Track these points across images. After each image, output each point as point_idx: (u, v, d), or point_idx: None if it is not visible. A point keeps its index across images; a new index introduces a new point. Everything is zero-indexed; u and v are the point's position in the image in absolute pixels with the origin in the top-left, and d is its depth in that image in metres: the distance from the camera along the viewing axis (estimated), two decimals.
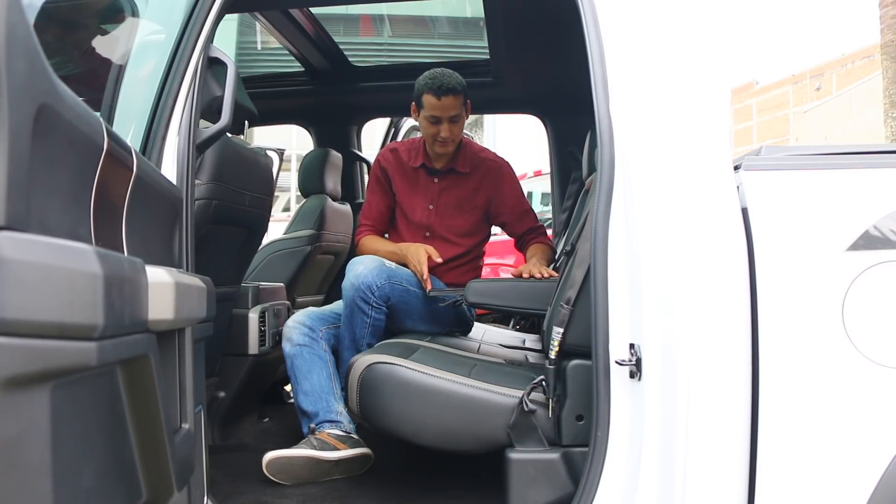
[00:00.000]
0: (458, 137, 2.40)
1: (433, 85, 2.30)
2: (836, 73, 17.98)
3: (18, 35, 0.64)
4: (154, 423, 0.94)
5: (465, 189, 2.45)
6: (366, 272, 2.14)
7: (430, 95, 2.30)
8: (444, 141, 2.36)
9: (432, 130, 2.35)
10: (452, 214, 2.43)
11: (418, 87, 2.34)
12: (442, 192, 2.45)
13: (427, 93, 2.31)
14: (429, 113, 2.32)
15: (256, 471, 1.98)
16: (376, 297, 2.13)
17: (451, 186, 2.45)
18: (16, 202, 0.63)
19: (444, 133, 2.33)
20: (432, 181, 2.46)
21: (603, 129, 1.39)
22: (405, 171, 2.48)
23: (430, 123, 2.34)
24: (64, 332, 0.66)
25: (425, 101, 2.32)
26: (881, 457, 1.22)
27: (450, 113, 2.32)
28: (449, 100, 2.30)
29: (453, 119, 2.33)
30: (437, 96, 2.29)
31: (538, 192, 7.29)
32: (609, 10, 1.41)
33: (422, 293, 2.24)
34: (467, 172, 2.45)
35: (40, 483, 0.64)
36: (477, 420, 1.64)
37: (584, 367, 1.50)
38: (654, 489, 1.29)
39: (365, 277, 2.12)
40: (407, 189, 2.48)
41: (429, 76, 2.33)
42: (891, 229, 1.26)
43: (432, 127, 2.35)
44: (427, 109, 2.33)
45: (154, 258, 1.13)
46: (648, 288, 1.30)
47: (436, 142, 2.37)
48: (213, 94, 1.51)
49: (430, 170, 2.46)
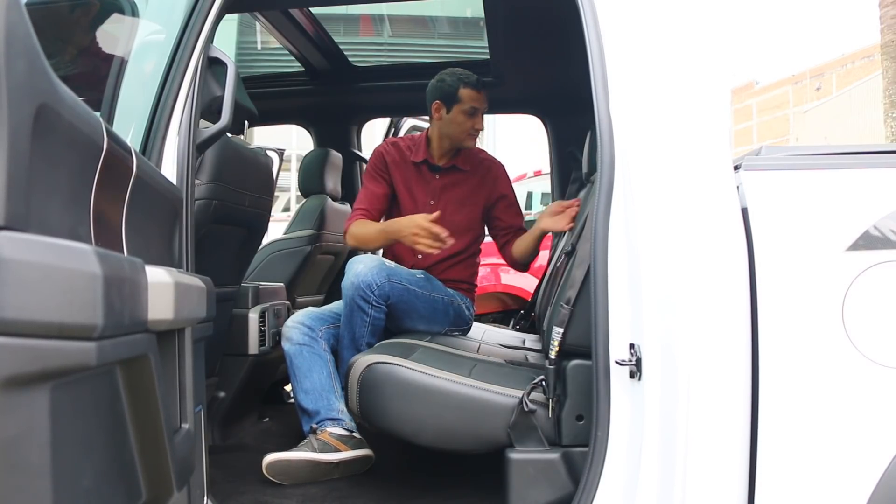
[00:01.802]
0: None
1: (469, 80, 2.39)
2: (836, 73, 17.99)
3: (18, 35, 0.63)
4: (154, 423, 0.94)
5: (466, 186, 2.48)
6: (365, 271, 2.13)
7: (469, 89, 2.38)
8: (476, 133, 2.44)
9: (469, 124, 2.41)
10: (453, 211, 2.42)
11: (450, 83, 2.39)
12: (444, 189, 2.46)
13: (465, 87, 2.38)
14: (469, 105, 2.39)
15: (256, 471, 1.98)
16: (376, 295, 2.13)
17: (453, 184, 2.47)
18: (15, 202, 0.63)
19: (479, 125, 2.42)
20: (434, 177, 2.47)
21: (603, 129, 1.39)
22: (406, 166, 2.48)
23: (467, 117, 2.40)
24: (64, 332, 0.66)
25: (464, 96, 2.38)
26: (881, 457, 1.22)
27: (485, 105, 2.42)
28: (485, 94, 2.41)
29: (484, 112, 2.44)
30: (477, 89, 2.39)
31: (538, 192, 7.27)
32: (609, 10, 1.41)
33: (422, 292, 2.25)
34: (468, 170, 2.49)
35: (40, 483, 0.64)
36: (477, 420, 1.64)
37: (584, 367, 1.50)
38: (654, 489, 1.29)
39: (365, 276, 2.12)
40: (407, 183, 2.47)
41: (457, 74, 2.40)
42: (891, 229, 1.26)
43: (469, 120, 2.40)
44: (467, 102, 2.39)
45: (154, 258, 1.13)
46: (648, 288, 1.29)
47: (469, 135, 2.43)
48: (213, 94, 1.51)
49: (431, 166, 2.47)
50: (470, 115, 2.40)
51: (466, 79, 2.40)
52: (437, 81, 2.42)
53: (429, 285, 2.32)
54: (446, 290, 2.38)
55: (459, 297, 2.44)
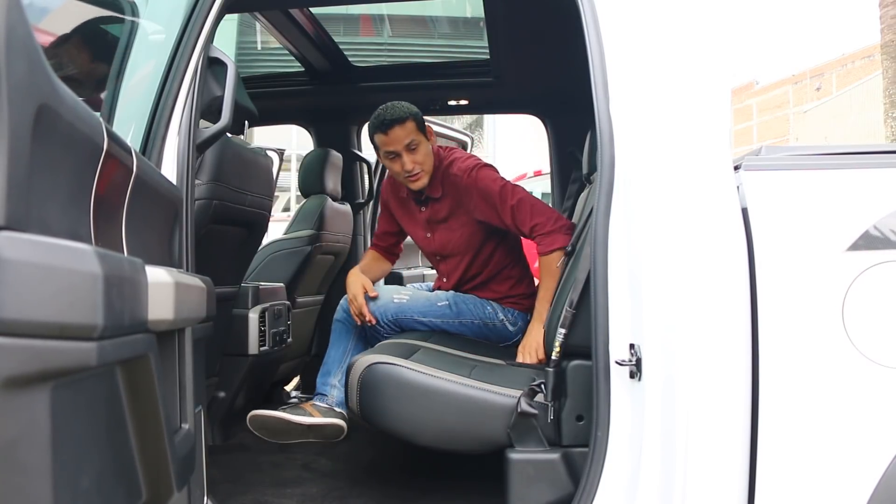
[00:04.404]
0: (427, 166, 2.28)
1: (376, 123, 2.24)
2: (836, 73, 17.99)
3: (18, 35, 0.63)
4: (154, 423, 0.94)
5: (443, 211, 2.35)
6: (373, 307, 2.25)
7: (378, 135, 2.24)
8: (412, 174, 2.25)
9: (396, 167, 2.27)
10: (449, 237, 2.37)
11: (369, 134, 2.29)
12: (431, 220, 2.39)
13: (375, 134, 2.25)
14: (383, 151, 2.26)
15: (256, 471, 1.98)
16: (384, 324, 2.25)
17: (436, 213, 2.37)
18: (16, 202, 0.63)
19: (407, 165, 2.23)
20: (419, 210, 2.42)
21: (603, 129, 1.39)
22: (400, 201, 2.48)
23: (391, 161, 2.27)
24: (64, 332, 0.66)
25: (377, 142, 2.26)
26: (881, 457, 1.22)
27: (403, 143, 2.22)
28: (396, 130, 2.21)
29: (410, 148, 2.23)
30: (384, 131, 2.22)
31: (538, 192, 7.29)
32: (609, 10, 1.41)
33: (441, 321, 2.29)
34: (440, 196, 2.34)
35: (40, 483, 0.64)
36: (477, 420, 1.64)
37: (584, 368, 1.50)
38: (654, 489, 1.29)
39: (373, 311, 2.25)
40: (404, 219, 2.49)
41: (373, 117, 2.27)
42: (891, 229, 1.26)
43: (395, 164, 2.26)
44: (381, 148, 2.26)
45: (154, 258, 1.13)
46: (648, 288, 1.29)
47: (406, 178, 2.28)
48: (213, 94, 1.51)
49: (416, 199, 2.41)
50: (392, 159, 2.26)
51: (374, 124, 2.24)
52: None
53: (452, 312, 2.29)
54: (479, 312, 2.30)
55: (502, 311, 2.33)
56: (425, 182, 2.29)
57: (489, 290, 2.36)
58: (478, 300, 2.33)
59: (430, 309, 2.25)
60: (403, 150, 2.23)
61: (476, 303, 2.32)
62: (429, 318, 2.24)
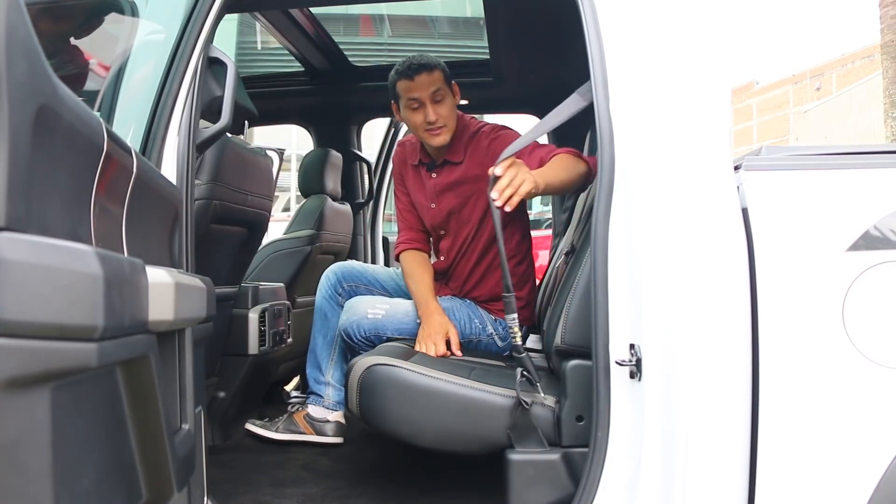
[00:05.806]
0: (451, 122, 2.11)
1: (401, 69, 2.09)
2: (836, 73, 18.00)
3: (18, 36, 0.63)
4: (154, 424, 0.94)
5: (456, 174, 2.16)
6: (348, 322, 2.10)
7: (402, 80, 2.08)
8: (433, 126, 2.08)
9: (418, 118, 2.08)
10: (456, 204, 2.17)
11: (391, 79, 2.12)
12: (441, 188, 2.20)
13: (399, 80, 2.09)
14: (406, 98, 2.08)
15: (256, 471, 1.98)
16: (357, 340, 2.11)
17: (449, 181, 2.18)
18: (16, 203, 0.63)
19: (430, 116, 2.06)
20: (430, 177, 2.22)
21: (603, 129, 1.39)
22: (412, 169, 2.29)
23: (412, 112, 2.09)
24: (64, 333, 0.66)
25: (400, 89, 2.10)
26: (881, 457, 1.22)
27: (429, 90, 2.06)
28: (423, 76, 2.06)
29: (436, 98, 2.07)
30: (410, 76, 2.06)
31: None
32: (609, 10, 1.41)
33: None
34: (461, 161, 2.15)
35: (40, 484, 0.64)
36: (477, 421, 1.64)
37: (584, 368, 1.50)
38: (654, 490, 1.29)
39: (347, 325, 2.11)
40: (412, 188, 2.29)
41: (396, 66, 2.12)
42: (891, 229, 1.26)
43: (417, 115, 2.08)
44: (404, 96, 2.09)
45: (154, 258, 1.12)
46: (649, 288, 1.29)
47: (426, 131, 2.09)
48: (213, 94, 1.51)
49: (428, 165, 2.23)
50: (414, 109, 2.09)
51: (399, 68, 2.08)
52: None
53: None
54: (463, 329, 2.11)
55: (491, 324, 2.15)
56: (446, 139, 2.11)
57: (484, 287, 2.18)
58: (464, 312, 2.14)
59: (408, 326, 2.08)
60: (428, 98, 2.07)
61: (462, 316, 2.13)
62: (405, 335, 2.06)
